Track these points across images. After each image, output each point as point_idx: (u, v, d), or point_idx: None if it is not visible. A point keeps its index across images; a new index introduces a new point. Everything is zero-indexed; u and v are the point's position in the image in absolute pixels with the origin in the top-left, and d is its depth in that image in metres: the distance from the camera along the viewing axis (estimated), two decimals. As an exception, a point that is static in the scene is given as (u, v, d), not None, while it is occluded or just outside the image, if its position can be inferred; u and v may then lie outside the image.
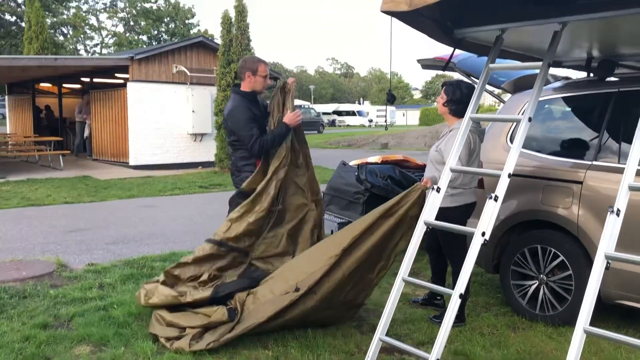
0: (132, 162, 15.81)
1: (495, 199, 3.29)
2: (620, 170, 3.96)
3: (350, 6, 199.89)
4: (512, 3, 3.59)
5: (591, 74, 4.66)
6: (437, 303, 4.77)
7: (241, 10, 15.10)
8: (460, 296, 3.26)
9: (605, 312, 4.41)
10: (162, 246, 7.02)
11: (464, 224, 4.11)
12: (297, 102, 55.05)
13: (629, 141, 4.13)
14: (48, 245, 7.01)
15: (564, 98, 4.75)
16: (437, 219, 3.57)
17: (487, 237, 3.26)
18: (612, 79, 4.53)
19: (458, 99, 4.29)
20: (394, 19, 3.67)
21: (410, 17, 3.60)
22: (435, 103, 4.61)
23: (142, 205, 10.23)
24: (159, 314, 4.16)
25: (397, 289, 3.52)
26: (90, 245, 7.02)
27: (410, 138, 30.50)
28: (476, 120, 3.80)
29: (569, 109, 4.79)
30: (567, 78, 5.10)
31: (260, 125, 4.54)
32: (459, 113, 4.21)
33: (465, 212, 4.36)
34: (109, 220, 8.66)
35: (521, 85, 5.15)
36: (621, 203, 2.75)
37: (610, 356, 3.83)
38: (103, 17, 52.61)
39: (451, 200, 4.18)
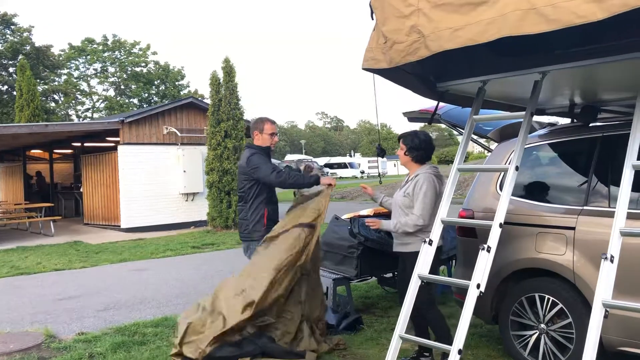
0: (123, 225, 15.70)
1: (488, 250, 3.26)
2: (612, 214, 3.96)
3: (337, 61, 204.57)
4: (492, 56, 3.67)
5: (575, 120, 4.71)
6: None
7: (229, 71, 15.39)
8: (460, 351, 3.18)
9: (609, 360, 4.30)
10: (154, 311, 6.87)
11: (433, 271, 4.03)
12: (301, 156, 55.45)
13: (618, 184, 4.16)
14: (37, 315, 6.84)
15: (550, 144, 4.79)
16: (397, 265, 3.56)
17: (482, 288, 3.21)
18: (597, 123, 4.57)
19: (417, 145, 4.47)
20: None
21: (391, 73, 3.67)
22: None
23: (134, 269, 10.08)
24: None
25: (394, 346, 3.44)
26: (80, 313, 6.86)
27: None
28: (464, 170, 3.81)
29: (556, 155, 4.81)
30: (552, 124, 5.15)
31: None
32: (420, 160, 4.49)
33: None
34: (100, 286, 8.50)
35: (507, 133, 5.19)
36: (614, 249, 2.73)
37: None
38: (94, 82, 53.33)
39: (414, 247, 4.18)
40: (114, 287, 8.43)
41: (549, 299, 4.30)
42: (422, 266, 3.50)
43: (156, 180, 16.08)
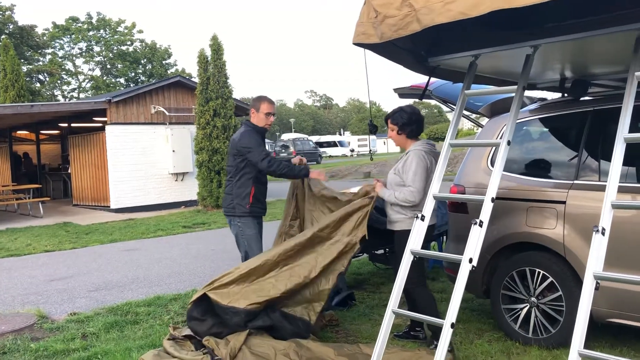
0: (113, 206, 15.63)
1: (480, 224, 3.27)
2: (602, 188, 3.97)
3: (326, 38, 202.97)
4: (484, 30, 3.63)
5: (566, 95, 4.71)
6: (415, 335, 4.65)
7: (217, 49, 15.22)
8: (452, 325, 3.20)
9: (598, 331, 4.36)
10: (146, 290, 6.87)
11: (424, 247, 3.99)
12: (296, 135, 55.02)
13: (608, 159, 4.17)
14: (28, 296, 6.82)
15: (541, 119, 4.79)
16: (388, 241, 3.56)
17: (474, 263, 3.23)
18: (587, 98, 4.58)
19: (406, 121, 4.36)
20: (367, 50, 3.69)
21: (383, 48, 3.63)
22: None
23: (125, 249, 10.06)
24: (144, 359, 4.03)
25: (387, 321, 3.46)
26: (72, 294, 6.84)
27: (392, 166, 30.58)
28: (456, 145, 3.80)
29: (546, 130, 4.82)
30: (542, 99, 5.15)
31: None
32: (413, 134, 4.41)
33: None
34: (91, 267, 8.48)
35: (498, 108, 5.19)
36: (605, 222, 2.74)
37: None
38: (79, 61, 52.69)
39: (408, 224, 4.14)
40: (104, 267, 8.42)
41: (539, 272, 4.34)
42: (415, 242, 3.51)
43: (145, 161, 15.98)
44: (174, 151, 16.15)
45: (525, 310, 4.46)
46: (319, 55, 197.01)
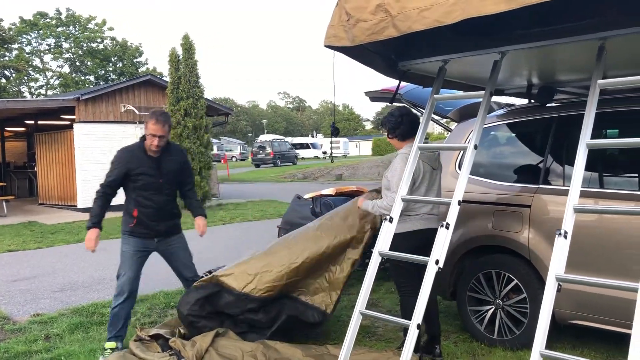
0: (80, 205, 15.36)
1: (447, 227, 3.31)
2: (566, 193, 4.08)
3: (299, 39, 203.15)
4: (453, 36, 3.70)
5: (532, 101, 4.81)
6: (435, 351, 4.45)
7: (188, 48, 15.10)
8: (418, 326, 3.24)
9: (561, 333, 4.46)
10: (112, 291, 6.68)
11: (410, 252, 4.01)
12: (273, 136, 54.68)
13: (573, 164, 4.27)
14: (-10, 297, 6.66)
15: (508, 124, 4.88)
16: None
17: (440, 264, 3.27)
18: (553, 104, 4.68)
19: (394, 125, 4.25)
20: (337, 52, 3.71)
21: (354, 52, 3.66)
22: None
23: (92, 249, 9.87)
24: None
25: (354, 322, 3.47)
26: (35, 295, 6.70)
27: (364, 168, 30.80)
28: (424, 149, 3.84)
29: (513, 135, 4.92)
30: (510, 105, 5.25)
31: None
32: (406, 136, 4.25)
33: (408, 240, 4.09)
34: (56, 267, 8.32)
35: (466, 113, 5.27)
36: (568, 225, 2.81)
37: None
38: (47, 58, 51.50)
39: (401, 227, 4.07)
40: (70, 267, 8.27)
41: (504, 275, 4.43)
42: (383, 243, 3.54)
43: (114, 160, 15.72)
44: (143, 151, 15.93)
45: (490, 312, 4.54)
46: (292, 56, 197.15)
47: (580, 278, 2.74)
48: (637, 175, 4.08)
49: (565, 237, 2.76)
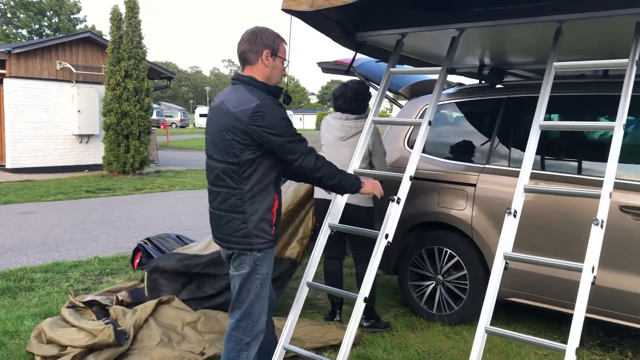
0: (9, 165, 14.61)
1: (398, 202, 3.30)
2: (511, 173, 4.17)
3: (247, 6, 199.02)
4: (412, 9, 3.65)
5: (483, 82, 4.85)
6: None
7: (132, 6, 14.50)
8: (365, 300, 3.23)
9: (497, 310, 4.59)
10: (43, 256, 6.47)
11: (371, 226, 4.08)
12: None
13: (519, 146, 4.36)
14: None
15: (457, 103, 4.92)
16: (344, 215, 3.54)
17: (390, 239, 3.27)
18: (502, 85, 4.74)
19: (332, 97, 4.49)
20: (294, 18, 3.59)
21: (311, 18, 3.55)
22: (330, 108, 4.66)
23: (21, 211, 9.42)
24: (41, 327, 3.79)
25: (302, 293, 3.43)
26: (-42, 257, 6.32)
27: (309, 142, 30.64)
28: (378, 123, 3.81)
29: (462, 114, 4.96)
30: (460, 84, 5.28)
31: None
32: (356, 111, 4.39)
33: (371, 215, 4.33)
34: (-18, 229, 7.88)
35: (417, 90, 5.27)
36: (517, 204, 2.85)
37: (502, 351, 3.99)
38: (-24, 7, 48.21)
39: (359, 200, 4.14)
40: (-3, 230, 7.84)
41: (446, 251, 4.50)
42: (333, 215, 3.50)
43: (47, 119, 15.01)
44: (79, 111, 15.28)
45: (431, 287, 4.61)
46: (238, 23, 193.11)
47: (527, 257, 2.79)
48: (575, 159, 4.21)
49: (514, 216, 2.79)
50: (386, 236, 3.21)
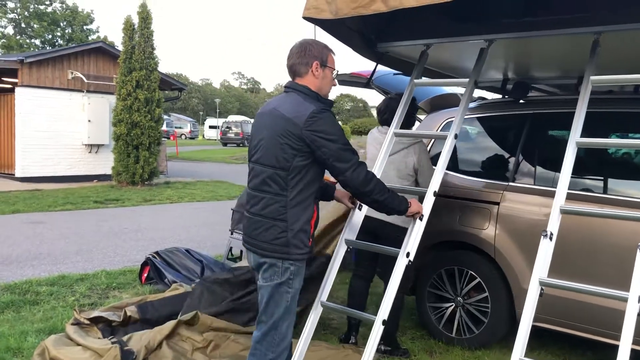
0: (18, 174, 14.56)
1: (421, 218, 3.14)
2: (537, 192, 3.99)
3: (257, 20, 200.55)
4: (437, 20, 3.50)
5: (506, 96, 4.69)
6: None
7: (145, 17, 14.48)
8: (384, 322, 3.05)
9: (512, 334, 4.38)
10: (49, 268, 6.32)
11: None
12: (242, 117, 53.31)
13: (545, 163, 4.18)
14: None
15: (479, 118, 4.75)
16: (378, 233, 3.38)
17: (411, 257, 3.10)
18: (525, 101, 4.57)
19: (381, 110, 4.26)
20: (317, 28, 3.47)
21: (333, 26, 3.43)
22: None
23: (28, 221, 9.30)
24: (45, 345, 3.63)
25: (314, 314, 3.26)
26: (-37, 267, 6.19)
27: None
28: (400, 135, 3.64)
29: (484, 129, 4.79)
30: (482, 98, 5.12)
31: None
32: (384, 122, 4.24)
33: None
34: (-12, 238, 7.76)
35: (437, 104, 5.11)
36: (553, 226, 2.67)
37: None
38: (-10, 17, 48.65)
39: (402, 219, 3.76)
40: (4, 240, 7.71)
41: (467, 272, 4.30)
42: (351, 231, 3.33)
43: (58, 128, 14.97)
44: (89, 121, 15.23)
45: (450, 309, 4.42)
46: (249, 37, 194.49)
47: (566, 284, 2.61)
48: (602, 177, 4.02)
49: (550, 238, 2.62)
50: (407, 254, 3.03)
